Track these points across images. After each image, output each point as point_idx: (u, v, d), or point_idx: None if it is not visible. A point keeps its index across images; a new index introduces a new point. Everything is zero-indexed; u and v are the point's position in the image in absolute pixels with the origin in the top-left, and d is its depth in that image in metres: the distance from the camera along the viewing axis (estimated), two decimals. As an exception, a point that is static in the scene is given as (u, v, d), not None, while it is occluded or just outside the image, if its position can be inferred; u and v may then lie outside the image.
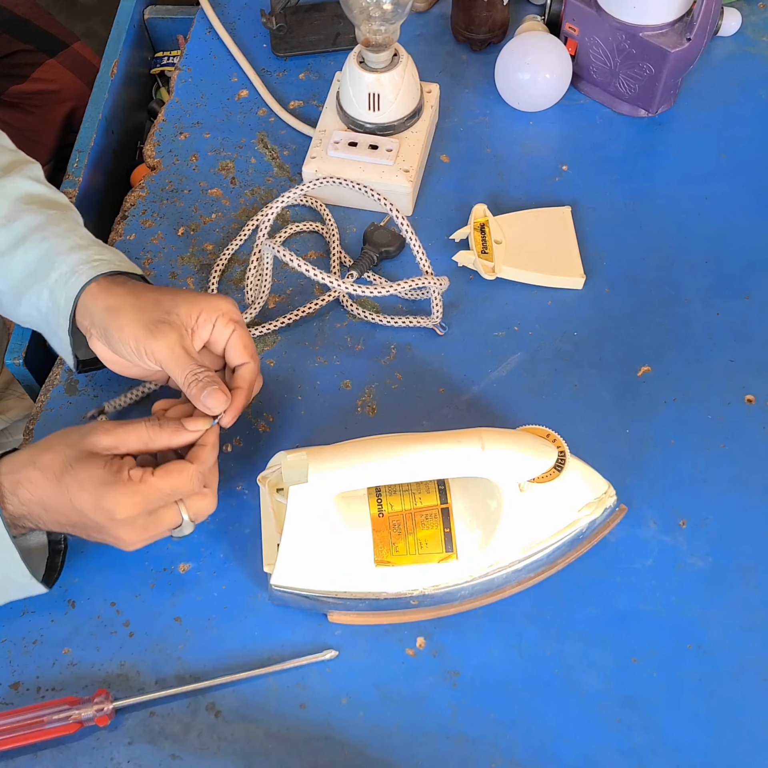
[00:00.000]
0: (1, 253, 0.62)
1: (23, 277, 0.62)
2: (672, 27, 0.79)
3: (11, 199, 0.64)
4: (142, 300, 0.59)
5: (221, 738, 0.57)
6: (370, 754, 0.56)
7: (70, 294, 0.60)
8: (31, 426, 0.69)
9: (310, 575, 0.58)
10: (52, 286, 0.61)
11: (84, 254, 0.61)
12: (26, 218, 0.63)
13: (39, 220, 0.63)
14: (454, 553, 0.58)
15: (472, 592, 0.59)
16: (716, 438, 0.67)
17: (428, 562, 0.58)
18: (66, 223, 0.64)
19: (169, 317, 0.58)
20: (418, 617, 0.60)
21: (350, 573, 0.58)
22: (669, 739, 0.56)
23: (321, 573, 0.58)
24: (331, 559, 0.58)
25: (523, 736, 0.57)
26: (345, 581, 0.58)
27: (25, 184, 0.65)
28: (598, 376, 0.71)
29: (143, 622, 0.61)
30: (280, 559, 0.57)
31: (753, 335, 0.72)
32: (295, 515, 0.56)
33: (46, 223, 0.63)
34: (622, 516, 0.63)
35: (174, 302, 0.59)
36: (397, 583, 0.58)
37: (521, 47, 0.84)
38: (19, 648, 0.60)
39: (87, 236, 0.64)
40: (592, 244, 0.77)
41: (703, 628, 0.60)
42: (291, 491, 0.55)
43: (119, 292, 0.59)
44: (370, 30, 0.75)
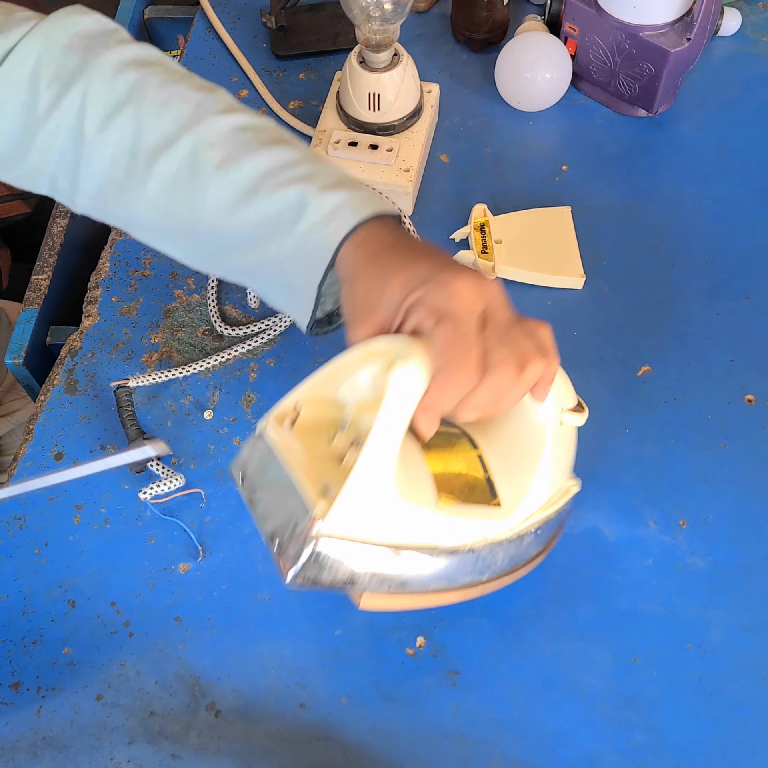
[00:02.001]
0: (231, 204, 0.53)
1: (258, 228, 0.54)
2: (672, 27, 0.79)
3: (226, 136, 0.54)
4: (358, 283, 0.50)
5: (221, 738, 0.57)
6: (369, 753, 0.56)
7: (328, 243, 0.51)
8: (31, 426, 0.69)
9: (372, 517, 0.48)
10: (301, 235, 0.52)
11: (341, 195, 0.52)
12: (249, 162, 0.54)
13: (265, 164, 0.54)
14: (498, 500, 0.55)
15: (506, 557, 0.56)
16: (716, 438, 0.67)
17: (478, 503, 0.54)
18: (304, 161, 0.54)
19: (372, 313, 0.49)
20: (450, 599, 0.56)
21: (413, 514, 0.50)
22: (669, 739, 0.56)
23: (383, 515, 0.48)
24: (395, 497, 0.49)
25: (522, 735, 0.57)
26: (406, 527, 0.50)
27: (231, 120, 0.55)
28: (597, 376, 0.71)
29: (143, 622, 0.61)
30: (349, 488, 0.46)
31: (753, 335, 0.72)
32: (395, 411, 0.45)
33: (277, 165, 0.53)
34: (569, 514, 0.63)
35: (380, 295, 0.49)
36: (452, 533, 0.52)
37: (521, 47, 0.84)
38: (19, 648, 0.60)
39: (333, 171, 0.54)
40: (592, 243, 0.77)
41: (703, 628, 0.60)
42: (394, 376, 0.45)
43: (349, 261, 0.51)
44: (370, 30, 0.75)
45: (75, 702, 0.58)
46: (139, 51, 0.57)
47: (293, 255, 0.53)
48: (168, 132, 0.54)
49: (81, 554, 0.63)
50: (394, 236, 0.51)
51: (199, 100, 0.55)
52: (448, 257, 0.50)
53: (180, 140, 0.54)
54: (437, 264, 0.48)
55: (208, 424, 0.69)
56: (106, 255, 0.78)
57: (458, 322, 0.46)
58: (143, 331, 0.74)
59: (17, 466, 0.67)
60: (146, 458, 0.56)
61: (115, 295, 0.76)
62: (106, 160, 0.56)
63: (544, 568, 0.62)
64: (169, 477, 0.64)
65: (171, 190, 0.55)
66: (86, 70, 0.55)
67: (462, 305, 0.46)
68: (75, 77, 0.55)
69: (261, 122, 0.56)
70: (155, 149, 0.55)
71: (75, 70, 0.55)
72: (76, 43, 0.56)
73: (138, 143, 0.55)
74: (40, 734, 0.58)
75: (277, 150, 0.54)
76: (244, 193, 0.53)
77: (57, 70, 0.55)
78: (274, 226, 0.53)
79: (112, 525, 0.65)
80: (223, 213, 0.54)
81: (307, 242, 0.52)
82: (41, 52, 0.55)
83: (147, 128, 0.55)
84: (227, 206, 0.54)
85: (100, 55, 0.56)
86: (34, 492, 0.65)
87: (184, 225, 0.56)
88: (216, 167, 0.53)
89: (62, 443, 0.68)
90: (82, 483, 0.66)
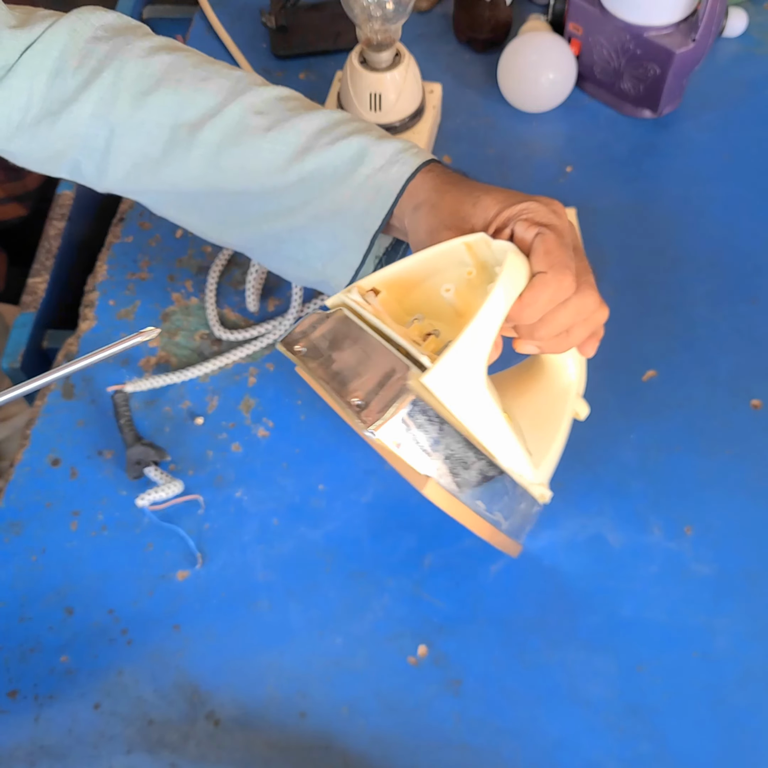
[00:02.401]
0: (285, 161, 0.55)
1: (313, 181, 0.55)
2: (677, 27, 0.78)
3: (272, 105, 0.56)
4: (445, 199, 0.52)
5: (220, 747, 0.56)
6: (371, 763, 0.56)
7: (393, 182, 0.53)
8: (28, 431, 0.69)
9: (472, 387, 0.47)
10: (361, 182, 0.54)
11: (397, 143, 0.55)
12: (300, 124, 0.55)
13: (317, 124, 0.56)
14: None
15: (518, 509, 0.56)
16: (722, 443, 0.67)
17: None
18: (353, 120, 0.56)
19: (462, 223, 0.50)
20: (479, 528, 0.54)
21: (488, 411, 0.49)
22: (673, 748, 0.56)
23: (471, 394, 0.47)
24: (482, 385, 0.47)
25: (526, 744, 0.56)
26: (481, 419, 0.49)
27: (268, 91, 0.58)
28: (602, 380, 0.70)
29: (141, 630, 0.60)
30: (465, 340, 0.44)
31: (759, 339, 0.71)
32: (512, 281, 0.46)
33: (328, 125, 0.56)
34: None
35: (474, 205, 0.50)
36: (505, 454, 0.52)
37: (524, 47, 0.83)
38: (16, 655, 0.60)
39: (379, 128, 0.57)
40: (597, 246, 0.76)
41: (708, 636, 0.59)
42: (512, 254, 0.46)
43: (428, 186, 0.53)
44: (371, 29, 0.74)
45: (73, 710, 0.58)
46: (166, 41, 0.59)
47: (351, 201, 0.54)
48: (210, 105, 0.56)
49: (78, 561, 0.63)
50: (457, 175, 0.54)
51: (238, 77, 0.57)
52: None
53: (225, 110, 0.56)
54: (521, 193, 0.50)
55: (207, 430, 0.68)
56: (103, 258, 0.77)
57: (562, 234, 0.48)
58: (142, 334, 0.73)
59: (14, 472, 0.67)
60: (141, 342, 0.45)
61: (112, 298, 0.75)
62: (141, 138, 0.57)
63: (547, 575, 0.61)
64: (166, 483, 0.64)
65: (216, 158, 0.56)
66: (117, 55, 0.57)
67: (564, 222, 0.49)
68: (105, 63, 0.57)
69: (300, 95, 0.59)
70: (198, 121, 0.56)
71: (105, 57, 0.57)
72: (102, 35, 0.58)
73: (178, 117, 0.56)
74: (37, 743, 0.57)
75: (325, 112, 0.56)
76: (299, 151, 0.55)
77: (83, 59, 0.57)
78: (331, 177, 0.55)
79: (109, 532, 0.64)
80: (276, 171, 0.55)
81: (368, 186, 0.54)
82: (66, 42, 0.57)
83: (188, 103, 0.56)
84: (281, 164, 0.55)
85: (129, 43, 0.58)
86: (31, 499, 0.65)
87: (231, 191, 0.57)
88: (265, 130, 0.55)
89: (59, 448, 0.68)
90: (80, 489, 0.66)
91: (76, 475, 0.66)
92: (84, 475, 0.66)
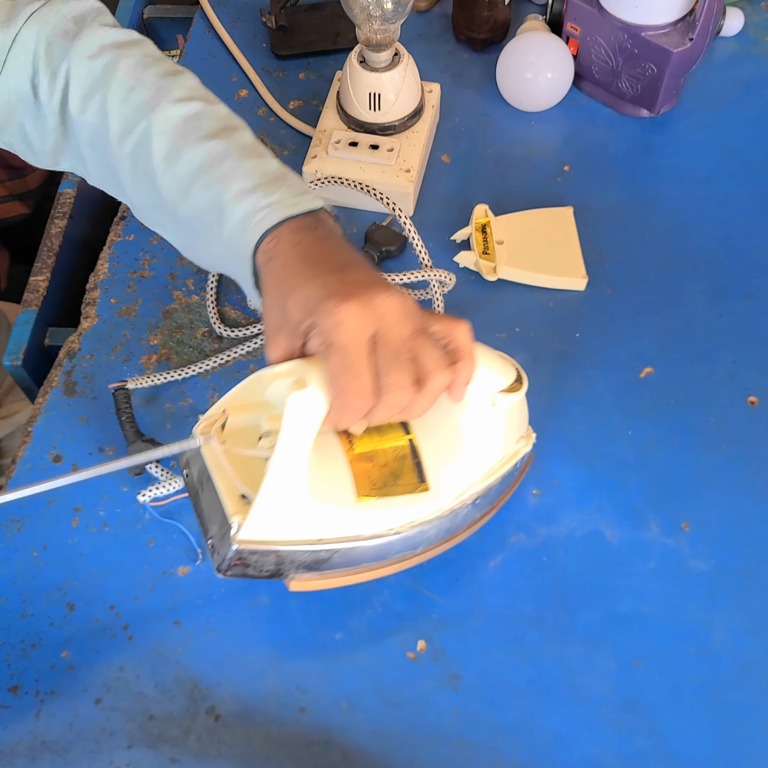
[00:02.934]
0: (177, 195, 0.55)
1: (196, 230, 0.56)
2: (674, 27, 0.79)
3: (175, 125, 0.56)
4: (280, 284, 0.50)
5: (221, 742, 0.57)
6: (370, 758, 0.56)
7: (244, 253, 0.52)
8: (30, 428, 0.69)
9: (289, 522, 0.52)
10: (226, 240, 0.54)
11: (251, 202, 0.52)
12: (187, 155, 0.55)
13: (200, 159, 0.54)
14: (426, 484, 0.56)
15: (438, 531, 0.58)
16: (718, 440, 0.67)
17: (404, 493, 0.56)
18: (230, 157, 0.54)
19: (282, 324, 0.49)
20: (382, 572, 0.58)
21: (332, 514, 0.53)
22: (671, 743, 0.56)
23: (301, 518, 0.52)
24: (314, 500, 0.52)
25: (524, 740, 0.56)
26: (326, 526, 0.53)
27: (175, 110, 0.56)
28: (599, 378, 0.70)
29: (142, 626, 0.61)
30: (261, 500, 0.49)
31: (756, 336, 0.72)
32: (293, 432, 0.48)
33: (208, 161, 0.54)
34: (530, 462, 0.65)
35: (285, 301, 0.49)
36: (376, 522, 0.55)
37: (523, 47, 0.83)
38: (18, 651, 0.60)
39: (255, 169, 0.54)
40: (594, 244, 0.77)
41: (705, 632, 0.60)
42: (291, 401, 0.47)
43: (274, 263, 0.50)
44: (370, 29, 0.74)
45: (74, 706, 0.58)
46: (120, 35, 0.60)
47: (227, 253, 0.54)
48: (129, 118, 0.57)
49: (80, 557, 0.63)
50: (305, 242, 0.50)
51: (160, 86, 0.57)
52: (351, 269, 0.49)
53: (137, 127, 0.57)
54: (331, 284, 0.47)
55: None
56: (104, 256, 0.78)
57: (343, 353, 0.45)
58: (142, 332, 0.73)
59: (16, 469, 0.67)
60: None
61: (113, 296, 0.76)
62: (87, 142, 0.59)
63: (546, 571, 0.62)
64: (167, 479, 0.64)
65: (136, 175, 0.58)
66: (69, 52, 0.58)
67: (346, 336, 0.45)
68: (61, 62, 0.58)
69: (210, 110, 0.57)
70: (120, 134, 0.57)
71: (62, 54, 0.58)
72: (70, 27, 0.59)
73: (107, 127, 0.58)
74: (38, 738, 0.57)
75: (211, 144, 0.55)
76: (183, 189, 0.55)
77: (50, 56, 0.58)
78: (208, 223, 0.54)
79: (110, 528, 0.64)
80: (174, 203, 0.56)
81: (231, 246, 0.53)
82: (39, 37, 0.59)
83: (112, 113, 0.57)
84: (175, 197, 0.56)
85: (83, 38, 0.59)
86: (33, 495, 0.66)
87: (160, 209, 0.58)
88: (163, 158, 0.55)
89: (61, 445, 0.68)
90: (81, 486, 0.66)
91: (77, 471, 0.67)
92: (85, 472, 0.67)
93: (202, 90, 0.59)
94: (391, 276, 0.71)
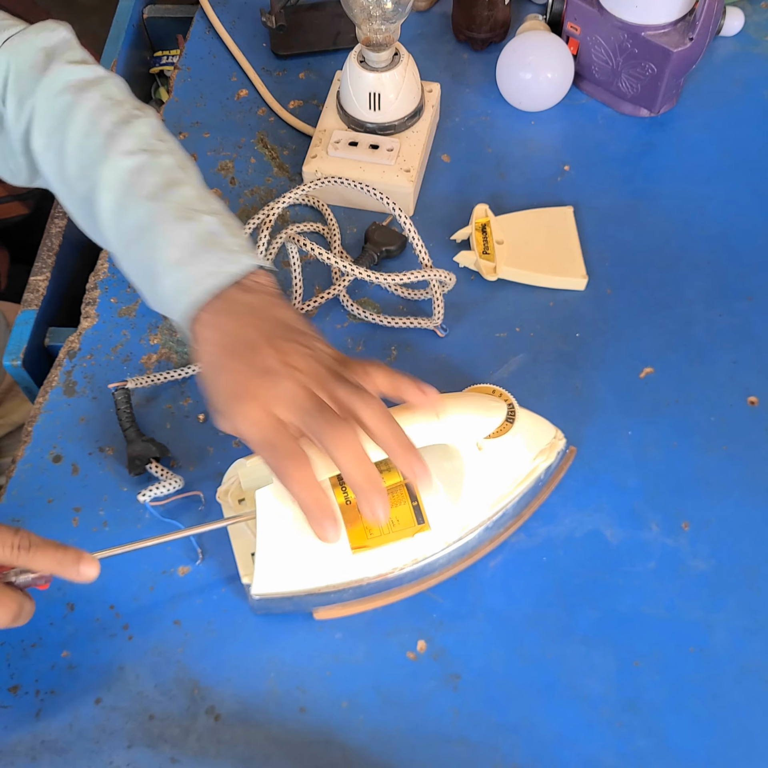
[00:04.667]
0: (119, 254, 0.59)
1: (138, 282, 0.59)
2: (674, 26, 0.79)
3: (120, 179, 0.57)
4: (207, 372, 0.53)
5: (221, 742, 0.57)
6: (370, 758, 0.56)
7: (178, 318, 0.55)
8: (30, 428, 0.69)
9: (290, 576, 0.57)
10: (161, 301, 0.57)
11: (179, 277, 0.54)
12: (129, 215, 0.57)
13: (139, 220, 0.56)
14: (426, 524, 0.58)
15: (449, 559, 0.60)
16: (718, 440, 0.67)
17: (403, 538, 0.58)
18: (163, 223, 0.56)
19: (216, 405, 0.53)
20: (401, 596, 0.60)
21: (329, 566, 0.57)
22: (671, 743, 0.56)
23: (300, 572, 0.57)
24: (308, 556, 0.57)
25: (524, 739, 0.56)
26: (325, 575, 0.57)
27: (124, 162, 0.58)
28: (600, 378, 0.70)
29: (142, 625, 0.61)
30: (258, 567, 0.56)
31: (756, 336, 0.72)
32: (267, 519, 0.55)
33: (146, 223, 0.56)
34: (573, 457, 0.65)
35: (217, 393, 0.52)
36: (377, 565, 0.58)
37: (523, 46, 0.83)
38: (18, 651, 0.60)
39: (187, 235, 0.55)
40: (594, 244, 0.77)
41: (705, 631, 0.60)
42: (258, 495, 0.54)
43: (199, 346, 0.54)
44: (370, 29, 0.74)
45: (74, 705, 0.58)
46: (86, 72, 0.62)
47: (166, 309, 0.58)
48: (83, 164, 0.59)
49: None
50: (226, 327, 0.53)
51: (113, 135, 0.59)
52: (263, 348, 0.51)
53: (91, 175, 0.59)
54: (235, 383, 0.51)
55: (208, 426, 0.69)
56: (104, 256, 0.78)
57: (257, 442, 0.50)
58: (142, 332, 0.73)
59: (16, 468, 0.67)
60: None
61: (113, 296, 0.75)
62: (51, 176, 0.62)
63: (546, 571, 0.62)
64: (167, 479, 0.64)
65: (88, 220, 0.61)
66: (36, 87, 0.61)
67: (249, 433, 0.50)
68: (28, 94, 0.61)
69: (154, 164, 0.58)
70: (77, 178, 0.60)
71: (30, 87, 0.61)
72: (40, 59, 0.61)
73: (65, 167, 0.60)
74: (38, 738, 0.57)
75: (150, 205, 0.56)
76: (124, 246, 0.58)
77: (19, 85, 0.61)
78: (146, 283, 0.58)
79: (110, 528, 0.64)
80: (119, 255, 0.60)
81: (167, 307, 0.57)
82: (9, 66, 0.61)
83: (69, 157, 0.60)
84: (120, 251, 0.59)
85: (49, 74, 0.61)
86: (33, 495, 0.66)
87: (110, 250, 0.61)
88: (109, 213, 0.58)
89: (61, 445, 0.68)
90: (81, 486, 0.66)
91: (77, 471, 0.67)
92: (85, 471, 0.67)
93: (151, 139, 0.59)
94: (391, 276, 0.71)
